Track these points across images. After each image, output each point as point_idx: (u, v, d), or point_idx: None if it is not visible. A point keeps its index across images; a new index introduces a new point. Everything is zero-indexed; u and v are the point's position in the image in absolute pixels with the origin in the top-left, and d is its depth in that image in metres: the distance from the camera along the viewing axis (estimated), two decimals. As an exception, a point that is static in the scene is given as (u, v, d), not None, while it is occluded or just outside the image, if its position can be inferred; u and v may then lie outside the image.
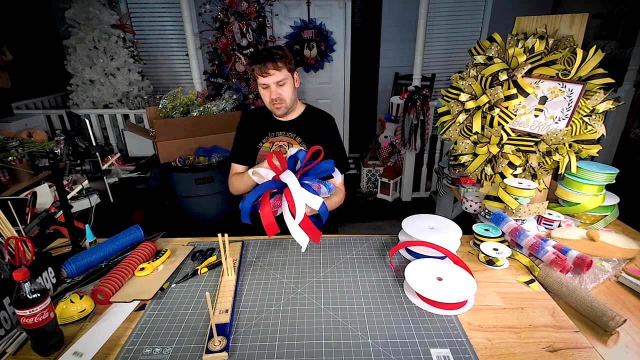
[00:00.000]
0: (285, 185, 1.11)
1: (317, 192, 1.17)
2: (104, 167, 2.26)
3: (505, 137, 1.20)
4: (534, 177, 1.24)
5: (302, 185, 1.13)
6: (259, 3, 3.06)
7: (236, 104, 2.89)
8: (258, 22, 3.10)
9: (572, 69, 1.09)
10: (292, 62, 1.35)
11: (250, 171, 1.23)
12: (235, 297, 0.95)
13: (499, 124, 1.21)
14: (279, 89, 1.32)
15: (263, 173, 1.22)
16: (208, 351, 0.76)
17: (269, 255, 1.15)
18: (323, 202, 1.12)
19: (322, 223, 1.17)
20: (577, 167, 1.26)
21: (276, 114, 1.40)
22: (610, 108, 1.08)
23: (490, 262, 1.08)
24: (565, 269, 0.99)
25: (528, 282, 0.99)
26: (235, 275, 1.03)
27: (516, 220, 1.21)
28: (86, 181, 1.81)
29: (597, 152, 1.14)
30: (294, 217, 1.07)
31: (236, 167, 1.50)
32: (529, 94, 1.17)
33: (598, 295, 0.97)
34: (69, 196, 1.62)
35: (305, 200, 1.07)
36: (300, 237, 1.08)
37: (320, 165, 1.19)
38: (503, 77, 1.17)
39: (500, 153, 1.24)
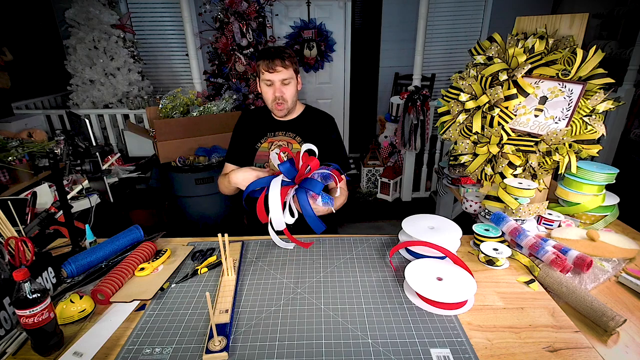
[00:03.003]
0: (289, 183, 1.13)
1: (313, 200, 1.17)
2: (104, 167, 2.26)
3: (505, 137, 1.20)
4: (534, 177, 1.24)
5: (299, 191, 1.12)
6: (259, 3, 3.06)
7: (236, 104, 2.89)
8: (258, 22, 3.10)
9: (572, 69, 1.09)
10: (298, 64, 1.36)
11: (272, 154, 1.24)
12: (235, 297, 0.95)
13: (499, 124, 1.21)
14: (282, 88, 1.32)
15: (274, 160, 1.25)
16: (208, 351, 0.76)
17: (269, 255, 1.15)
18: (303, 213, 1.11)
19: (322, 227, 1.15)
20: (577, 167, 1.26)
21: (276, 114, 1.40)
22: (610, 108, 1.08)
23: (490, 262, 1.08)
24: (565, 269, 0.99)
25: (528, 282, 0.99)
26: (235, 275, 1.03)
27: (516, 220, 1.21)
28: (86, 181, 1.81)
29: (597, 152, 1.14)
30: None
31: (228, 167, 1.50)
32: (529, 94, 1.17)
33: (598, 295, 0.97)
34: (69, 196, 1.62)
35: (278, 212, 1.08)
36: (276, 238, 1.16)
37: (308, 182, 1.14)
38: (503, 77, 1.17)
39: (500, 153, 1.24)
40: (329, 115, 1.48)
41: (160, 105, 2.63)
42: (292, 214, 1.12)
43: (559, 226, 1.26)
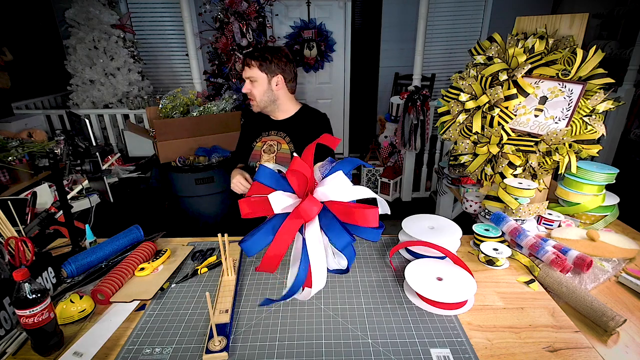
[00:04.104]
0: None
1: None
2: (104, 167, 2.26)
3: (505, 137, 1.20)
4: (534, 177, 1.24)
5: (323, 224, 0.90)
6: (259, 3, 3.06)
7: (236, 104, 2.89)
8: (258, 22, 3.10)
9: (572, 69, 1.09)
10: (277, 66, 1.35)
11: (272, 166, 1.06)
12: (235, 297, 0.95)
13: (499, 124, 1.21)
14: (250, 85, 1.38)
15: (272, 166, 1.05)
16: (208, 351, 0.76)
17: (269, 255, 1.15)
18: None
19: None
20: (577, 167, 1.26)
21: (252, 108, 1.45)
22: (610, 108, 1.08)
23: (490, 262, 1.08)
24: (565, 269, 0.99)
25: (528, 282, 0.99)
26: (235, 275, 1.03)
27: (516, 220, 1.21)
28: (86, 181, 1.82)
29: (597, 152, 1.14)
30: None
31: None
32: (529, 94, 1.17)
33: (598, 295, 0.97)
34: (69, 196, 1.62)
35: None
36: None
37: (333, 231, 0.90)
38: (503, 77, 1.17)
39: (500, 153, 1.24)
40: (323, 115, 1.48)
41: (160, 105, 2.63)
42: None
43: (559, 226, 1.26)
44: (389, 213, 0.92)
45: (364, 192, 0.88)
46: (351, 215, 0.85)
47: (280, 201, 0.86)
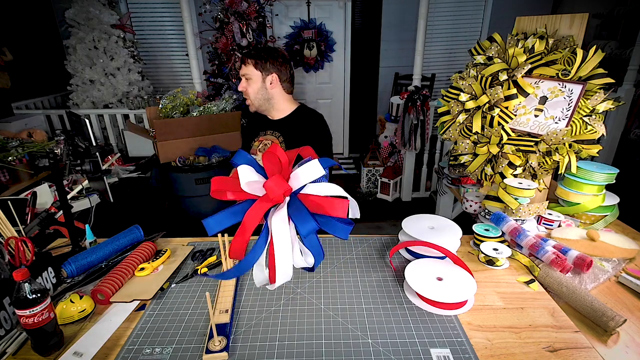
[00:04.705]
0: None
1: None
2: (104, 167, 2.26)
3: (505, 137, 1.20)
4: (534, 177, 1.24)
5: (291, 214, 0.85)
6: (259, 3, 3.07)
7: (236, 104, 2.89)
8: (258, 22, 3.10)
9: (572, 69, 1.09)
10: (272, 65, 1.38)
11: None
12: (235, 297, 0.95)
13: (499, 124, 1.21)
14: (245, 83, 1.41)
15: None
16: (208, 351, 0.76)
17: (269, 255, 1.15)
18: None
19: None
20: (577, 167, 1.26)
21: (249, 108, 1.48)
22: (610, 108, 1.08)
23: (490, 262, 1.08)
24: (565, 269, 0.99)
25: (528, 282, 0.99)
26: (235, 275, 1.03)
27: (516, 220, 1.21)
28: (86, 181, 1.81)
29: (597, 152, 1.14)
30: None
31: None
32: (529, 94, 1.17)
33: (598, 295, 0.97)
34: (69, 196, 1.62)
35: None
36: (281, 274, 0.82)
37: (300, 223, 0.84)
38: (503, 77, 1.17)
39: (500, 153, 1.24)
40: (318, 114, 1.47)
41: (160, 105, 2.63)
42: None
43: (559, 226, 1.26)
44: (359, 217, 0.92)
45: (335, 190, 0.87)
46: (320, 205, 0.82)
47: (249, 175, 0.83)
